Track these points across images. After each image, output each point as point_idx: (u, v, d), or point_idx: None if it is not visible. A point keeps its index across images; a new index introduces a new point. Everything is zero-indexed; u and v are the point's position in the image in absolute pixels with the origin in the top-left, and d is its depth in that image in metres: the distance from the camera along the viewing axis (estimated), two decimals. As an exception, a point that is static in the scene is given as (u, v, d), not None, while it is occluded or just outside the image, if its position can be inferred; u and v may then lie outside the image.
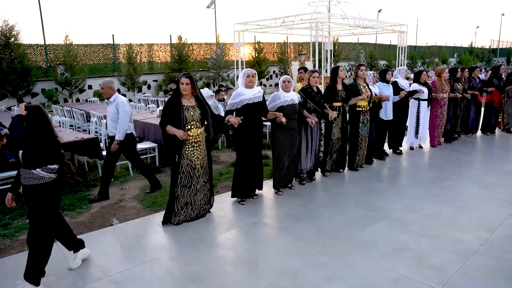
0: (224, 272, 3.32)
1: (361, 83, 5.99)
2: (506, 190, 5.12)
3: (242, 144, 4.72)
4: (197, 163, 4.19)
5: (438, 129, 7.56)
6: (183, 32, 37.90)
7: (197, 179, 4.24)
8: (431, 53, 33.15)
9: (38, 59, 14.62)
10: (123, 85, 15.71)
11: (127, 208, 4.90)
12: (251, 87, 4.63)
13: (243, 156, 4.75)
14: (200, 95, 4.21)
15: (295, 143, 5.12)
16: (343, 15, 13.98)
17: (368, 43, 29.97)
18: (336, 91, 5.71)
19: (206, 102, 4.27)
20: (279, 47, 23.30)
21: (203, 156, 4.25)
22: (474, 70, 8.28)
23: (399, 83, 6.85)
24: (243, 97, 4.57)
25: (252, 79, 4.61)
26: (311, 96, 5.28)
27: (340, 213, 4.50)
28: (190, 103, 4.13)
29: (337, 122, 5.75)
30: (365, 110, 6.04)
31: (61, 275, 3.29)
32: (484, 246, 3.64)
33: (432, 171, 6.15)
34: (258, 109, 4.68)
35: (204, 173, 4.32)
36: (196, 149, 4.16)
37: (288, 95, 4.94)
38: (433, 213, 4.43)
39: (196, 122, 4.11)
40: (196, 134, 4.12)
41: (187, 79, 4.04)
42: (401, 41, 16.04)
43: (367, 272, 3.26)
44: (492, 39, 49.21)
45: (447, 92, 7.37)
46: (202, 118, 4.17)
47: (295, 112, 5.00)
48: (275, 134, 5.02)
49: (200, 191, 4.32)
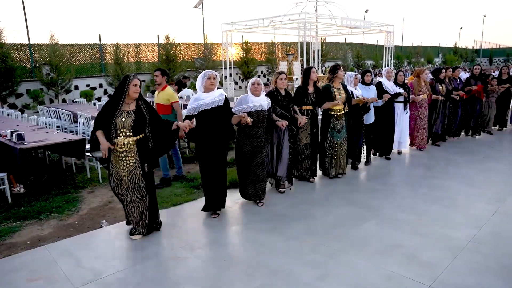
0: (217, 272, 3.31)
1: (336, 85, 5.52)
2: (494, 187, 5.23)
3: (203, 154, 4.27)
4: (123, 175, 3.72)
5: (414, 133, 7.22)
6: (170, 32, 37.69)
7: (126, 192, 3.79)
8: (417, 53, 33.64)
9: (22, 59, 14.35)
10: (110, 85, 15.52)
11: (116, 209, 4.85)
12: (211, 90, 4.20)
13: (206, 167, 4.30)
14: (142, 100, 3.80)
15: (260, 153, 4.56)
16: (330, 15, 14.09)
17: (355, 43, 30.25)
18: (306, 93, 5.33)
19: (151, 108, 3.84)
20: (267, 47, 23.33)
21: (133, 169, 3.73)
22: (455, 70, 8.03)
23: (384, 84, 6.47)
24: (201, 102, 4.14)
25: (214, 81, 4.18)
26: (278, 101, 4.92)
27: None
28: (129, 108, 3.69)
29: (305, 127, 5.33)
30: (338, 115, 5.53)
31: (50, 279, 3.23)
32: (472, 242, 3.70)
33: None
34: (219, 114, 4.21)
35: (136, 188, 3.78)
36: (122, 160, 3.69)
37: (257, 100, 4.50)
38: (421, 215, 4.50)
39: (126, 130, 3.64)
40: (123, 143, 3.65)
41: (138, 80, 3.68)
42: (388, 41, 16.23)
43: (360, 270, 3.28)
44: (475, 40, 50.25)
45: (425, 93, 6.96)
46: (135, 125, 3.66)
47: (262, 120, 4.52)
48: (238, 141, 4.63)
49: (133, 204, 3.85)
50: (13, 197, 5.17)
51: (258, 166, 4.59)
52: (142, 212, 3.89)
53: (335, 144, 5.60)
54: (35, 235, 4.19)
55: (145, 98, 3.97)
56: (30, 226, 4.42)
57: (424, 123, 7.16)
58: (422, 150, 7.29)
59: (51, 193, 5.33)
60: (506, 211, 4.44)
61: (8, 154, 5.44)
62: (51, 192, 5.38)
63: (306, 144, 5.44)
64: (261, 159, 4.59)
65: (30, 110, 13.23)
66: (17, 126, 6.96)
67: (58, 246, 3.77)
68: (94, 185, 5.83)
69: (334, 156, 5.64)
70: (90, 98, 14.62)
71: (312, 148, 5.49)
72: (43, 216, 4.66)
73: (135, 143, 3.71)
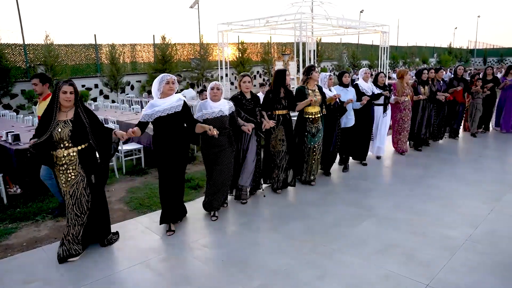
0: (215, 273, 3.31)
1: (311, 87, 5.25)
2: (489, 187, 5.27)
3: (161, 162, 3.98)
4: (65, 189, 3.45)
5: (396, 136, 7.00)
6: (166, 32, 37.55)
7: (69, 206, 3.51)
8: (412, 53, 33.85)
9: (17, 59, 14.25)
10: (106, 85, 15.47)
11: (113, 210, 4.83)
12: (169, 95, 3.89)
13: (164, 176, 4.01)
14: (82, 106, 3.48)
15: (220, 162, 4.31)
16: (326, 16, 14.12)
17: (351, 43, 30.37)
18: (278, 98, 4.98)
19: (92, 114, 3.54)
20: (262, 47, 23.35)
21: (75, 182, 3.43)
22: (438, 71, 7.75)
23: (360, 86, 6.13)
24: (157, 109, 3.82)
25: (173, 86, 3.87)
26: (242, 105, 4.64)
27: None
28: (66, 117, 3.38)
29: (276, 133, 5.04)
30: (314, 118, 5.24)
31: (47, 280, 3.22)
32: (468, 241, 3.73)
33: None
34: (177, 121, 3.91)
35: (76, 203, 3.47)
36: (63, 173, 3.41)
37: (216, 106, 4.24)
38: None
39: (64, 141, 3.36)
40: (62, 155, 3.37)
41: (71, 86, 3.36)
42: (383, 41, 16.30)
43: (358, 269, 3.29)
44: (469, 40, 50.62)
45: (408, 95, 6.76)
46: (73, 135, 3.37)
47: (223, 127, 4.25)
48: (202, 149, 4.41)
49: (72, 224, 3.53)
50: (9, 198, 5.14)
51: (218, 176, 4.33)
52: (78, 229, 3.55)
53: (309, 148, 5.32)
54: (31, 237, 4.16)
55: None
56: (27, 228, 4.39)
57: (407, 126, 6.91)
58: (403, 154, 7.01)
59: (47, 194, 5.29)
60: (501, 210, 4.47)
61: (3, 155, 5.40)
62: (47, 193, 5.35)
63: (282, 151, 5.10)
64: (220, 169, 4.32)
65: (25, 111, 13.14)
66: (12, 126, 6.92)
67: (55, 247, 3.74)
68: (90, 186, 5.79)
69: (307, 161, 5.38)
70: (86, 99, 14.55)
71: (289, 155, 5.15)
72: (39, 218, 4.63)
73: (76, 154, 3.41)
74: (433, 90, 7.34)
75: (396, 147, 7.14)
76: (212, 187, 4.39)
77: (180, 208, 4.29)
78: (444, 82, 7.93)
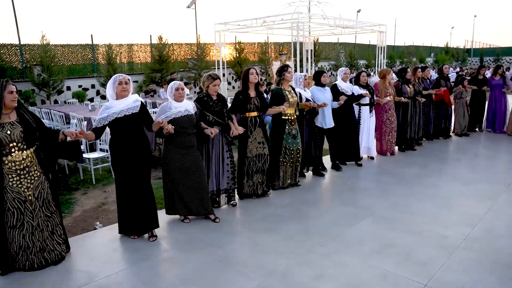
0: (213, 273, 3.29)
1: (286, 88, 5.11)
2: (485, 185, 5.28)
3: (120, 167, 3.79)
4: (28, 193, 3.22)
5: (385, 137, 6.82)
6: (163, 32, 37.53)
7: (31, 214, 3.25)
8: (409, 52, 33.90)
9: (13, 59, 14.18)
10: (102, 86, 15.40)
11: (110, 211, 4.82)
12: (124, 96, 3.74)
13: (124, 182, 3.81)
14: (23, 107, 3.32)
15: (195, 164, 4.17)
16: (323, 15, 14.12)
17: (348, 43, 30.37)
18: (248, 99, 4.76)
19: (34, 115, 3.38)
20: (260, 47, 23.33)
21: (39, 183, 3.29)
22: (425, 70, 7.64)
23: (339, 86, 6.03)
24: (112, 110, 3.66)
25: (126, 86, 3.72)
26: (209, 107, 4.44)
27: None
28: (10, 119, 3.16)
29: (254, 136, 4.84)
30: (292, 119, 5.13)
31: (44, 282, 3.20)
32: (466, 241, 3.73)
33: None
34: (135, 122, 3.76)
35: (45, 205, 3.34)
36: (25, 177, 3.20)
37: (181, 105, 4.08)
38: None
39: (17, 143, 3.15)
40: (21, 158, 3.18)
41: (14, 86, 3.16)
42: (380, 41, 16.32)
43: (355, 269, 3.29)
44: (466, 40, 50.75)
45: (391, 95, 6.63)
46: (26, 136, 3.19)
47: (192, 125, 4.12)
48: (168, 153, 4.14)
49: (42, 228, 3.33)
50: None
51: (199, 178, 4.21)
52: (53, 231, 3.42)
53: (291, 151, 5.17)
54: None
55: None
56: None
57: (394, 126, 6.80)
58: (393, 155, 6.94)
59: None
60: (498, 209, 4.49)
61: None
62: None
63: (259, 155, 4.91)
64: (201, 170, 4.22)
65: (22, 111, 13.07)
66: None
67: None
68: (87, 187, 5.78)
69: (290, 164, 5.23)
70: (83, 99, 14.49)
71: (267, 158, 4.98)
72: None
73: (33, 154, 3.26)
74: (420, 90, 7.25)
75: (381, 148, 6.95)
76: (194, 192, 4.20)
77: (149, 218, 3.91)
78: (430, 81, 7.91)
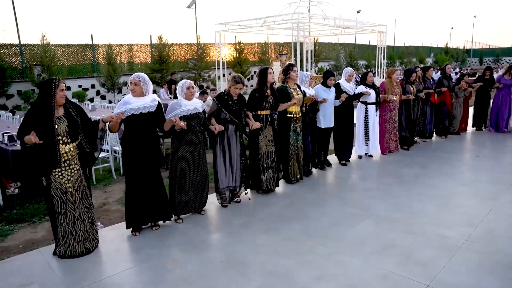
0: (214, 274, 3.29)
1: (291, 86, 5.26)
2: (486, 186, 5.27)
3: (131, 163, 3.92)
4: (68, 185, 3.46)
5: (387, 135, 6.97)
6: (163, 32, 37.54)
7: (72, 205, 3.50)
8: (409, 53, 33.93)
9: (13, 59, 14.18)
10: (103, 86, 15.40)
11: (111, 211, 4.81)
12: (144, 95, 3.91)
13: (134, 177, 3.94)
14: (69, 102, 3.52)
15: (201, 160, 4.37)
16: (323, 16, 14.13)
17: (348, 43, 30.39)
18: (264, 96, 4.89)
19: (80, 109, 3.59)
20: (260, 47, 23.34)
21: (78, 177, 3.51)
22: (428, 70, 7.79)
23: (342, 85, 6.16)
24: (129, 106, 3.81)
25: (135, 87, 3.86)
26: (228, 105, 4.56)
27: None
28: (58, 114, 3.39)
29: (265, 134, 4.98)
30: (297, 117, 5.31)
31: (45, 283, 3.19)
32: (467, 241, 3.72)
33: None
34: (150, 121, 3.91)
35: (84, 197, 3.58)
36: (65, 170, 3.43)
37: (191, 103, 4.22)
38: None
39: (62, 137, 3.38)
40: (64, 151, 3.40)
41: (64, 84, 3.41)
42: (380, 41, 16.32)
43: (356, 269, 3.28)
44: (466, 40, 50.75)
45: (397, 94, 6.74)
46: (71, 131, 3.42)
47: (200, 123, 4.29)
48: (176, 149, 4.28)
49: (83, 219, 3.58)
50: (5, 199, 5.10)
51: (202, 174, 4.41)
52: (92, 222, 3.69)
53: (295, 147, 5.36)
54: (28, 239, 4.13)
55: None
56: (23, 229, 4.36)
57: (397, 125, 7.01)
58: (385, 154, 7.02)
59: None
60: (500, 209, 4.47)
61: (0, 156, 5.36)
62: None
63: (268, 152, 5.04)
64: (205, 167, 4.42)
65: (21, 111, 13.07)
66: (8, 127, 6.87)
67: (52, 249, 3.70)
68: (87, 187, 5.76)
69: (296, 160, 5.41)
70: (83, 99, 14.49)
71: (276, 156, 5.13)
72: (36, 219, 4.60)
73: (76, 149, 3.49)
74: (420, 89, 7.34)
75: (386, 146, 7.05)
76: (195, 187, 4.35)
77: (166, 204, 4.17)
78: (434, 81, 7.97)
